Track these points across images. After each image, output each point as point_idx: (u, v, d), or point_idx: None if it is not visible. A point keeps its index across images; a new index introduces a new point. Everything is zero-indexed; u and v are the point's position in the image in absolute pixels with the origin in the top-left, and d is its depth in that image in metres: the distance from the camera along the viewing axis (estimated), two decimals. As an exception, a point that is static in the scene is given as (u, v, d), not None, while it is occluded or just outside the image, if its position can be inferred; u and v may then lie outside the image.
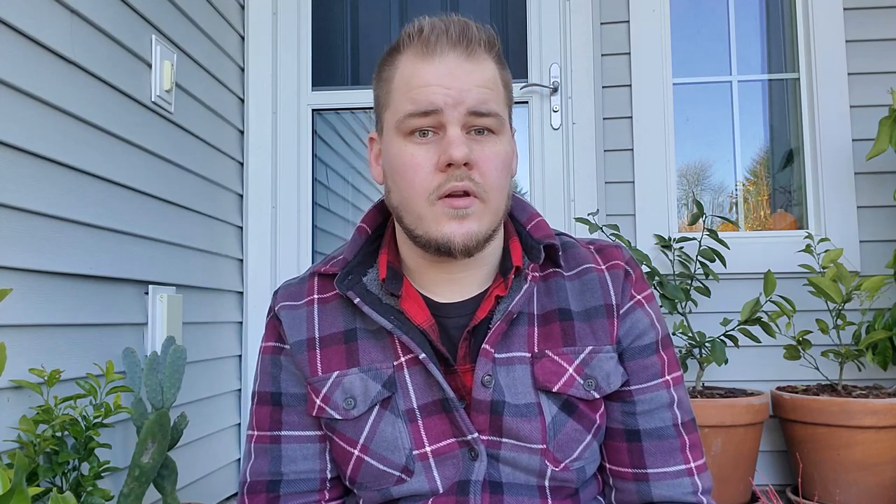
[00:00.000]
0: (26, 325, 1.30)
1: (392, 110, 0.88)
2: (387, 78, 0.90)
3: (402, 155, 0.86)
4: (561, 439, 0.88)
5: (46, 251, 1.36)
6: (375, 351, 0.91)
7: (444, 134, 0.85)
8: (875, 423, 1.88)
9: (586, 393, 0.88)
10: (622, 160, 2.46)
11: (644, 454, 0.90)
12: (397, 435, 0.88)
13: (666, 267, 2.33)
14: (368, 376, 0.89)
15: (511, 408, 0.87)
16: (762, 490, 2.06)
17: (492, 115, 0.85)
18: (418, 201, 0.85)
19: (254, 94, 2.42)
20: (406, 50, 0.88)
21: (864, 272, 2.33)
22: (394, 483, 0.88)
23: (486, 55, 0.88)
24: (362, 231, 0.98)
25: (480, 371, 0.87)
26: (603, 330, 0.90)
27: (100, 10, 1.54)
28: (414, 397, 0.88)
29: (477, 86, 0.85)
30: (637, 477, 0.91)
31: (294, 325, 0.94)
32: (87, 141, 1.49)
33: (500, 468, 0.87)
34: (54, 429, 1.24)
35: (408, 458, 0.88)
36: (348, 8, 2.57)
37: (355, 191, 2.72)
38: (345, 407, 0.89)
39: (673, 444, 0.91)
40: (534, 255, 0.92)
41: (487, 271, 0.93)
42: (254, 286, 2.35)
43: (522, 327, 0.90)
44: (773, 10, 2.56)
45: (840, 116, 2.39)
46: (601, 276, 0.93)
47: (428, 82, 0.84)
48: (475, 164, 0.84)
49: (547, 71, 2.40)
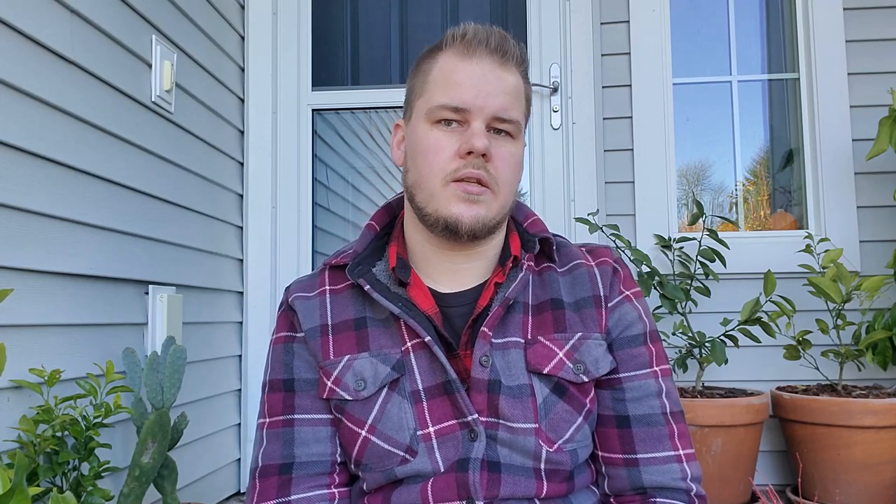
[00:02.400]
0: (26, 325, 1.30)
1: (425, 98, 0.96)
2: (425, 70, 0.98)
3: (428, 138, 0.95)
4: (553, 419, 0.93)
5: (46, 251, 1.36)
6: (384, 338, 0.96)
7: (468, 127, 0.93)
8: (875, 423, 1.88)
9: (576, 376, 0.94)
10: (622, 160, 2.46)
11: (634, 440, 0.95)
12: (403, 416, 0.93)
13: (666, 267, 2.33)
14: (378, 360, 0.95)
15: (506, 388, 0.92)
16: (762, 490, 2.06)
17: (512, 121, 0.95)
18: (434, 180, 0.93)
19: (254, 94, 2.42)
20: (448, 49, 0.97)
21: (864, 272, 2.33)
22: (398, 463, 0.92)
23: (515, 68, 0.97)
24: (371, 228, 1.05)
25: (479, 351, 0.93)
26: (591, 319, 0.97)
27: (100, 9, 1.54)
28: (420, 380, 0.93)
29: (504, 93, 0.94)
30: (627, 463, 0.95)
31: (308, 314, 0.99)
32: (87, 141, 1.50)
33: (498, 449, 0.92)
34: (54, 429, 1.24)
35: (412, 439, 0.92)
36: (348, 8, 2.57)
37: (355, 191, 2.72)
38: (355, 388, 0.94)
39: (662, 431, 0.95)
40: (530, 247, 1.01)
41: (488, 264, 1.00)
42: (254, 286, 2.35)
43: (518, 315, 0.97)
44: (773, 10, 2.56)
45: (840, 116, 2.39)
46: (591, 270, 1.00)
47: (463, 81, 0.93)
48: (491, 157, 0.93)
49: (547, 71, 2.40)
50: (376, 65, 2.56)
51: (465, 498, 0.90)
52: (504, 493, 0.90)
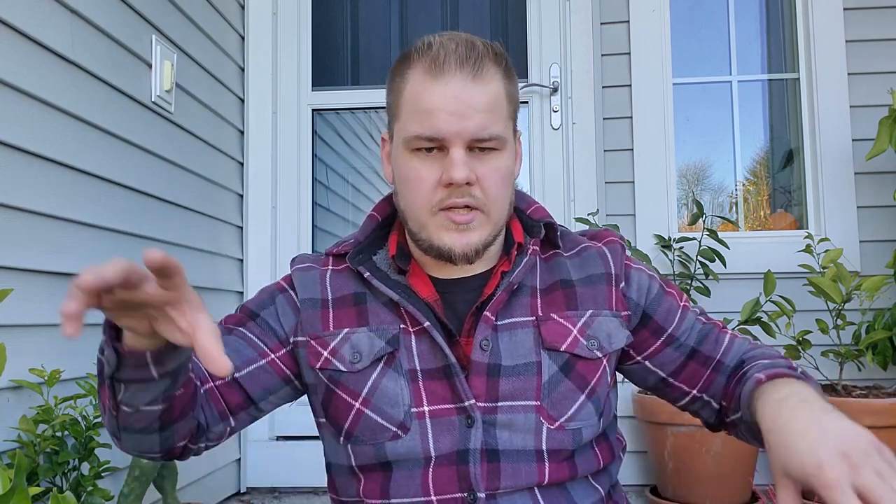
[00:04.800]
0: (26, 325, 1.30)
1: (400, 125, 0.93)
2: (397, 89, 0.95)
3: (408, 168, 0.92)
4: (555, 397, 0.92)
5: (46, 251, 1.36)
6: (384, 314, 0.96)
7: (447, 153, 0.89)
8: (875, 423, 1.88)
9: (590, 353, 0.95)
10: (622, 160, 2.45)
11: (707, 356, 1.01)
12: (398, 391, 0.92)
13: (666, 267, 2.33)
14: (375, 334, 0.95)
15: (507, 369, 0.92)
16: (762, 490, 2.06)
17: (493, 138, 0.90)
18: (422, 212, 0.91)
19: (254, 94, 2.42)
20: (416, 63, 0.92)
21: (864, 272, 2.33)
22: (389, 438, 0.92)
23: (493, 69, 0.92)
24: (373, 218, 1.03)
25: (480, 335, 0.92)
26: (603, 296, 0.97)
27: (100, 10, 1.54)
28: (417, 360, 0.93)
29: (479, 111, 0.89)
30: (715, 368, 1.00)
31: (307, 285, 0.99)
32: (88, 141, 1.50)
33: (497, 434, 0.91)
34: (54, 429, 1.24)
35: (406, 415, 0.91)
36: (348, 8, 2.57)
37: (355, 191, 2.72)
38: (351, 360, 0.94)
39: (715, 332, 1.02)
40: (534, 232, 1.00)
41: (491, 254, 0.98)
42: (254, 286, 2.35)
43: (525, 298, 0.96)
44: (773, 10, 2.56)
45: (840, 116, 2.39)
46: (600, 250, 1.01)
47: (433, 106, 0.88)
48: (477, 180, 0.90)
49: (547, 71, 2.40)
50: (376, 65, 2.56)
51: (468, 490, 0.90)
52: (505, 484, 0.90)
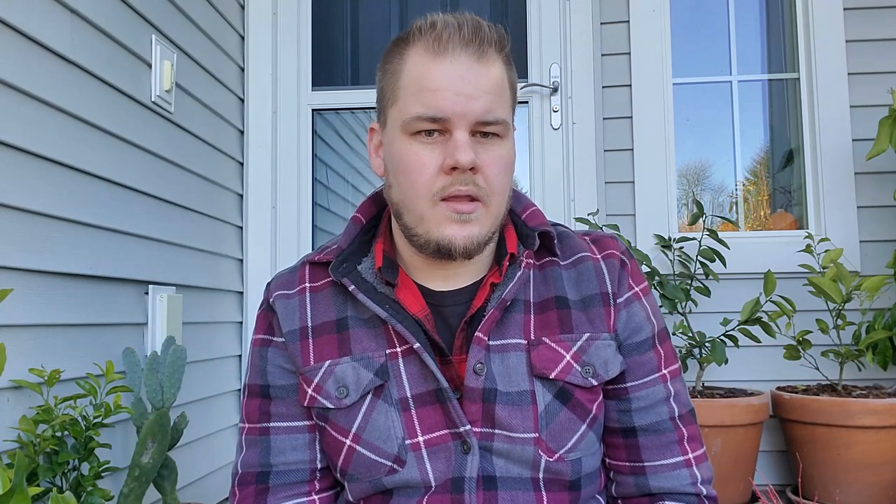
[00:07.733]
0: (26, 325, 1.30)
1: (399, 108, 0.87)
2: (394, 71, 0.89)
3: (408, 154, 0.85)
4: (554, 428, 0.87)
5: (46, 251, 1.36)
6: (367, 339, 0.90)
7: (450, 136, 0.84)
8: (875, 424, 1.88)
9: (584, 380, 0.88)
10: (622, 160, 2.45)
11: (640, 449, 0.91)
12: (390, 424, 0.88)
13: (666, 267, 2.33)
14: (360, 365, 0.89)
15: (503, 396, 0.87)
16: (762, 490, 2.06)
17: (498, 122, 0.86)
18: (421, 202, 0.85)
19: (254, 94, 2.42)
20: (416, 43, 0.86)
21: (864, 272, 2.33)
22: (385, 473, 0.88)
23: (496, 55, 0.88)
24: (357, 221, 0.97)
25: (473, 359, 0.87)
26: (599, 318, 0.91)
27: (100, 10, 1.54)
28: (408, 386, 0.88)
29: (485, 93, 0.84)
30: (634, 470, 0.92)
31: (288, 315, 0.94)
32: (87, 141, 1.49)
33: (494, 461, 0.87)
34: (54, 429, 1.24)
35: (400, 448, 0.87)
36: (348, 8, 2.57)
37: (355, 191, 2.72)
38: (337, 396, 0.89)
39: (670, 437, 0.92)
40: (528, 242, 0.93)
41: (483, 262, 0.93)
42: (254, 286, 2.35)
43: (518, 314, 0.90)
44: (773, 10, 2.56)
45: (840, 116, 2.39)
46: (597, 264, 0.93)
47: (438, 85, 0.83)
48: (480, 168, 0.84)
49: (547, 71, 2.40)
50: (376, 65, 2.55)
51: None
52: None
